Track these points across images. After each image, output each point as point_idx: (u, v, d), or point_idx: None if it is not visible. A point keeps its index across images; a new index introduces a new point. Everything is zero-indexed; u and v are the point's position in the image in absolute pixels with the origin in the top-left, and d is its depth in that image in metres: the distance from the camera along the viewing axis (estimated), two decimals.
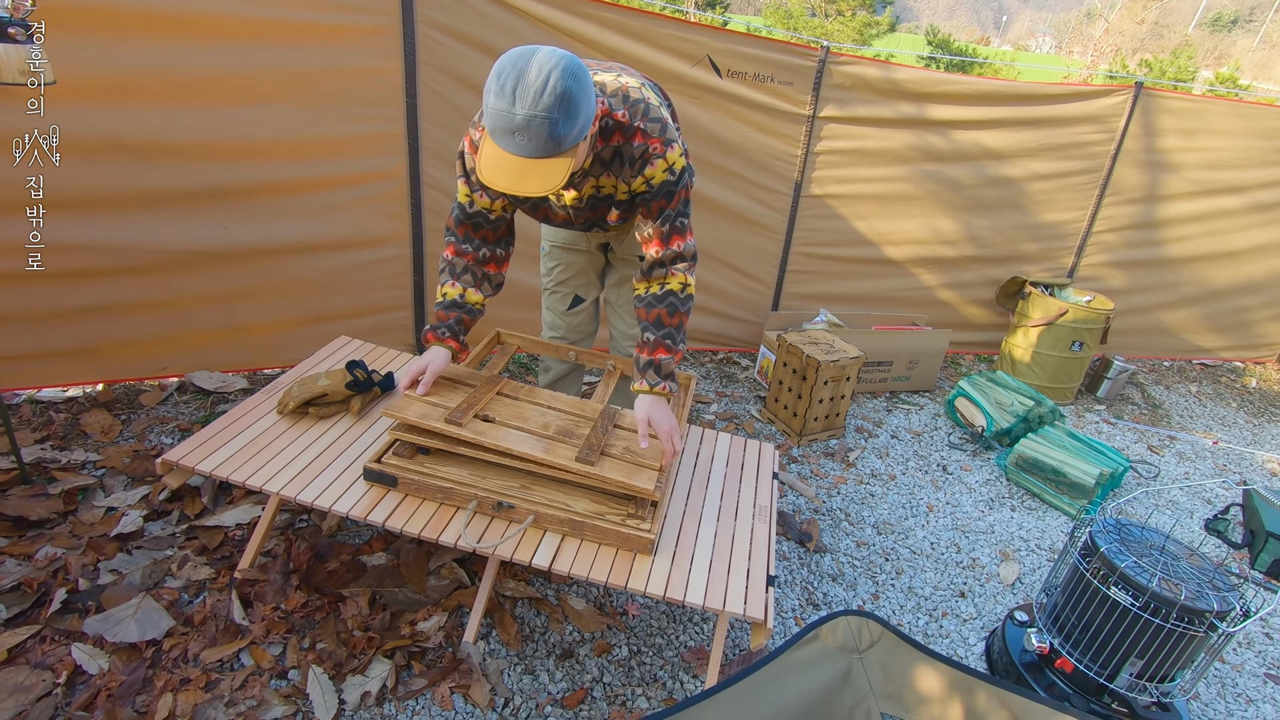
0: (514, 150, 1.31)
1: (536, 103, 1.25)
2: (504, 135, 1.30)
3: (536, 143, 1.29)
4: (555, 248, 2.06)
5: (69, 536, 1.87)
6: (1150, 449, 3.40)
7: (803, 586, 2.16)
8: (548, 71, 1.26)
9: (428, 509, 1.50)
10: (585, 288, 2.10)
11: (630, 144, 1.54)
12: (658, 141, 1.54)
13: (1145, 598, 1.61)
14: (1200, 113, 3.74)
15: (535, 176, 1.33)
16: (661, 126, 1.54)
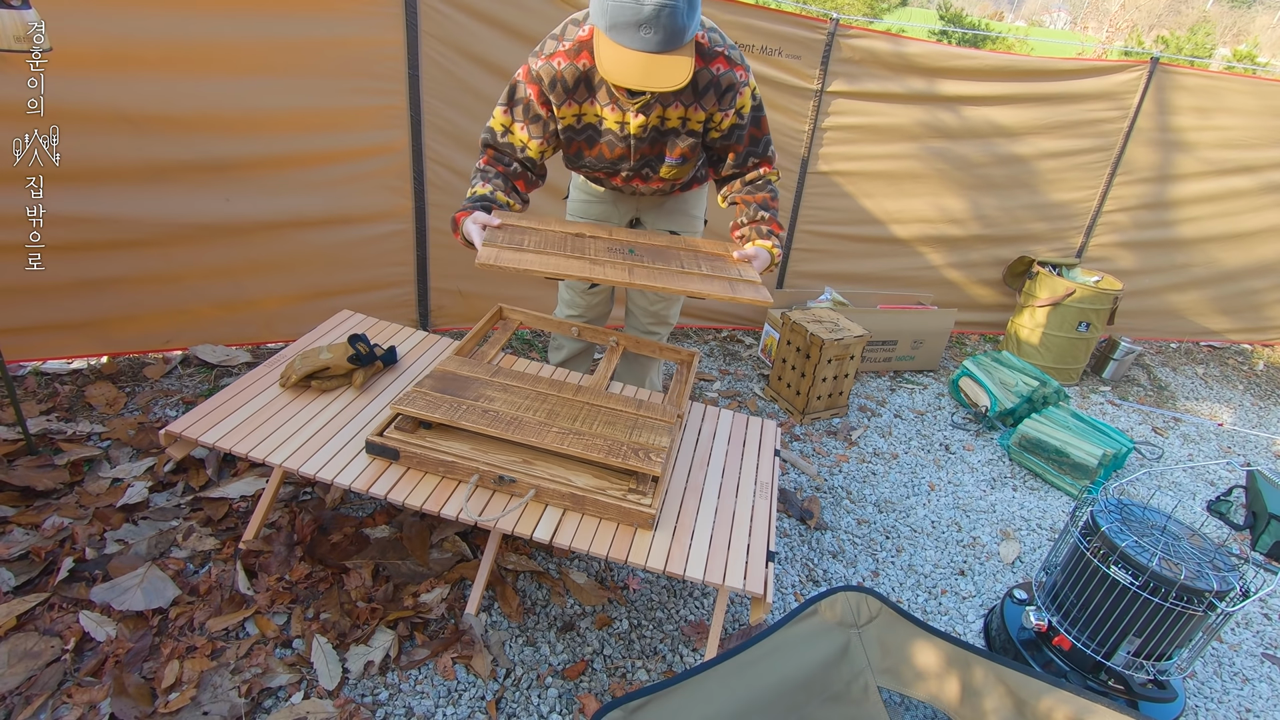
0: (640, 45, 1.29)
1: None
2: (629, 30, 1.27)
3: (665, 34, 1.27)
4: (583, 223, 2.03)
5: (75, 507, 1.88)
6: (1155, 430, 3.39)
7: (803, 563, 2.17)
8: None
9: (430, 482, 1.51)
10: None
11: (712, 69, 1.53)
12: (741, 69, 1.56)
13: (1145, 577, 1.62)
14: (1216, 90, 3.67)
15: (663, 71, 1.31)
16: (739, 54, 1.57)
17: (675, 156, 1.67)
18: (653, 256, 1.55)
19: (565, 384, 1.77)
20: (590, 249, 1.51)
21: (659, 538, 1.48)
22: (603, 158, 1.70)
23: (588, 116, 1.62)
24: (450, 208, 2.82)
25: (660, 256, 1.56)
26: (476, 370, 1.75)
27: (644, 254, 1.56)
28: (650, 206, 1.96)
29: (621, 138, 1.64)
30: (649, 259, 1.53)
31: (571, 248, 1.49)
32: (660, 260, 1.53)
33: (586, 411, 1.66)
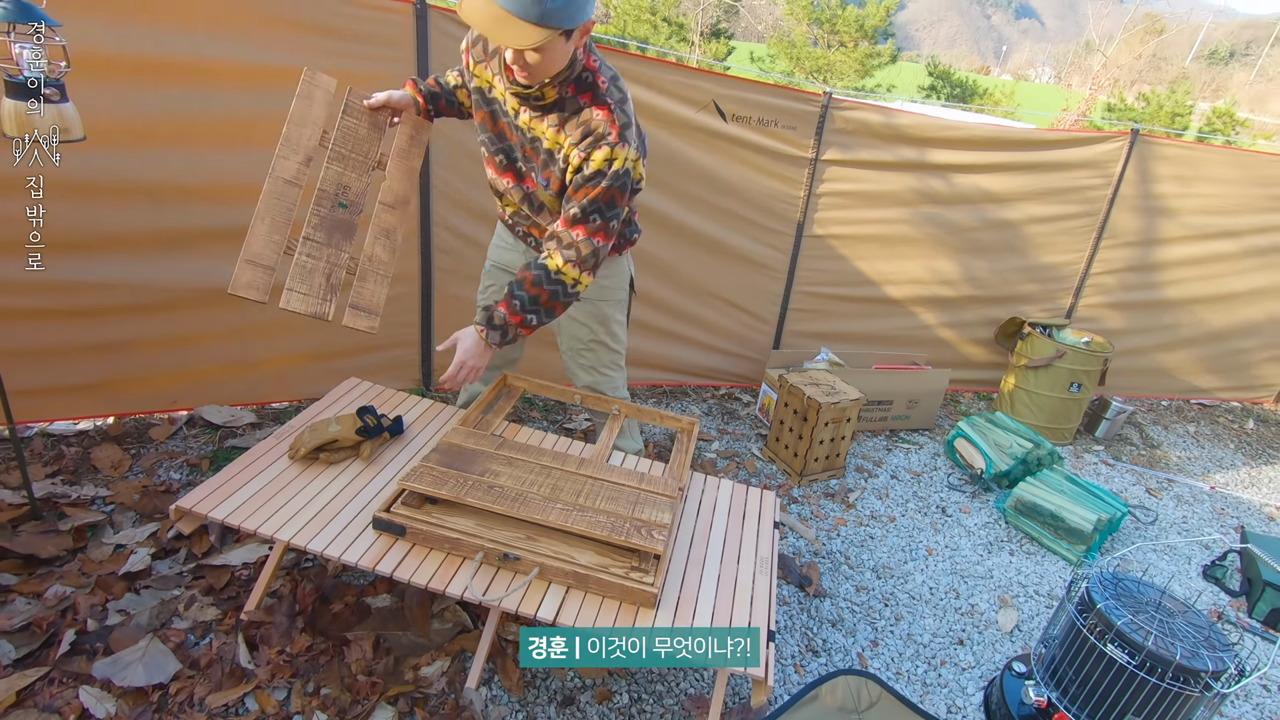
0: (500, 1, 1.37)
1: None
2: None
3: (519, 2, 1.36)
4: (495, 267, 2.12)
5: (78, 575, 1.89)
6: (1148, 491, 3.42)
7: (802, 632, 2.17)
8: None
9: (435, 559, 1.53)
10: None
11: (594, 111, 1.60)
12: (616, 130, 1.60)
13: (1141, 656, 1.63)
14: (1196, 160, 3.81)
15: (509, 31, 1.38)
16: (625, 122, 1.61)
17: (544, 178, 1.73)
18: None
19: (568, 457, 1.81)
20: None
21: (661, 616, 1.49)
22: (502, 136, 1.76)
23: (496, 91, 1.71)
24: (455, 272, 2.89)
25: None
26: (481, 443, 1.78)
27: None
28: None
29: (505, 114, 1.72)
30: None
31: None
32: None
33: (589, 486, 1.69)
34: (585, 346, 2.11)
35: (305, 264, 1.61)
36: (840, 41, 16.59)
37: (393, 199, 1.82)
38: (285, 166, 1.72)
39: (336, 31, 2.40)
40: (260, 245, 1.60)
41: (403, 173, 1.85)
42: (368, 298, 1.62)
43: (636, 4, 15.05)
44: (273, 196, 1.69)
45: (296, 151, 1.74)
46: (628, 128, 1.62)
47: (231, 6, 2.23)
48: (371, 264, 1.69)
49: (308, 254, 1.63)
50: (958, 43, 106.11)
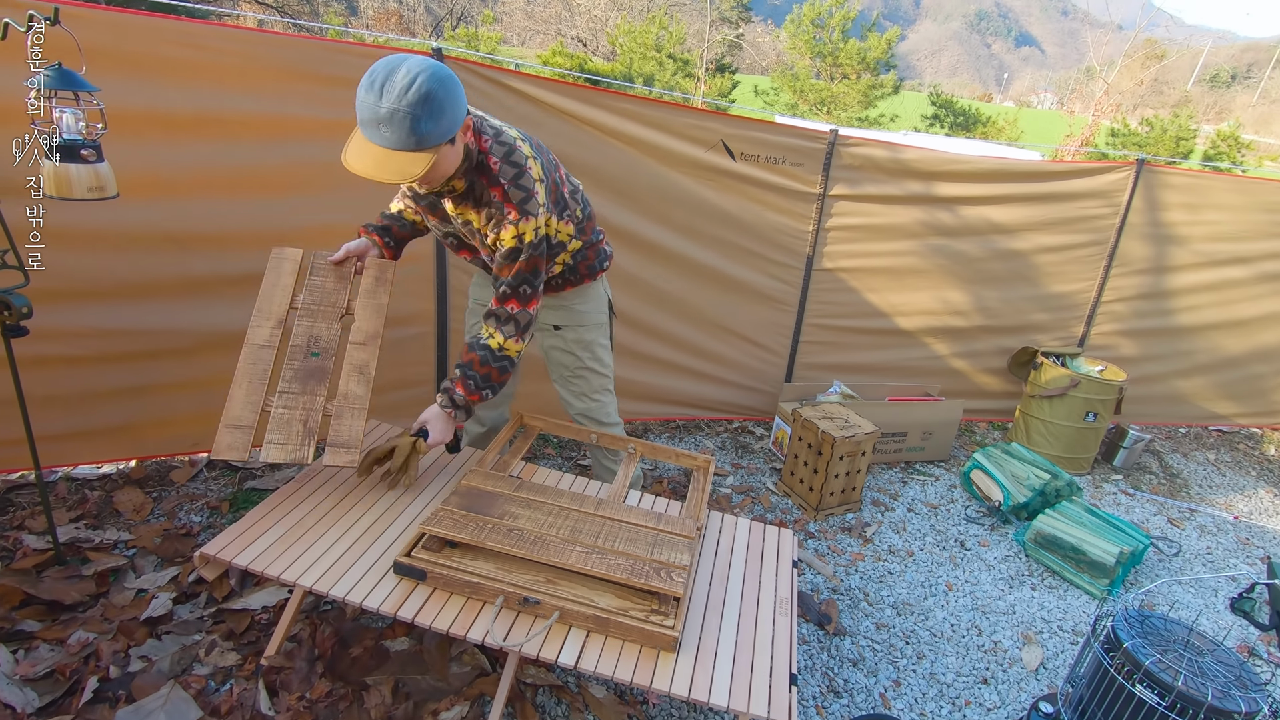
0: (378, 141, 1.44)
1: (400, 99, 1.40)
2: (370, 126, 1.44)
3: (399, 135, 1.42)
4: (477, 304, 2.19)
5: (101, 621, 1.90)
6: (1170, 522, 3.37)
7: (823, 672, 2.15)
8: (415, 74, 1.41)
9: (455, 603, 1.53)
10: None
11: (491, 194, 1.68)
12: (513, 208, 1.66)
13: (1171, 697, 1.60)
14: (1202, 188, 3.83)
15: (394, 166, 1.45)
16: (524, 197, 1.66)
17: (485, 253, 1.85)
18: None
19: (586, 497, 1.82)
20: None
21: (681, 660, 1.49)
22: (447, 222, 1.85)
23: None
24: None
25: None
26: (500, 485, 1.80)
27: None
28: None
29: (449, 215, 1.81)
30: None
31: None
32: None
33: (608, 528, 1.70)
34: (574, 374, 2.18)
35: (282, 416, 1.69)
36: (843, 74, 16.87)
37: (363, 337, 1.90)
38: (258, 334, 1.85)
39: (349, 82, 2.48)
40: (239, 409, 1.69)
41: (371, 311, 1.94)
42: (345, 434, 1.68)
43: (642, 42, 15.41)
44: (248, 361, 1.80)
45: (269, 319, 1.88)
46: (527, 200, 1.67)
47: (255, 63, 2.31)
48: (347, 401, 1.76)
49: (284, 406, 1.71)
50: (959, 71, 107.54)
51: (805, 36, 16.78)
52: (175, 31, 2.20)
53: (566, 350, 2.14)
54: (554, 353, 2.17)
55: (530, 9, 25.17)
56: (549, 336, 2.15)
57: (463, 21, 25.08)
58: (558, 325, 2.12)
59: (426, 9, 34.16)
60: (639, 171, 2.98)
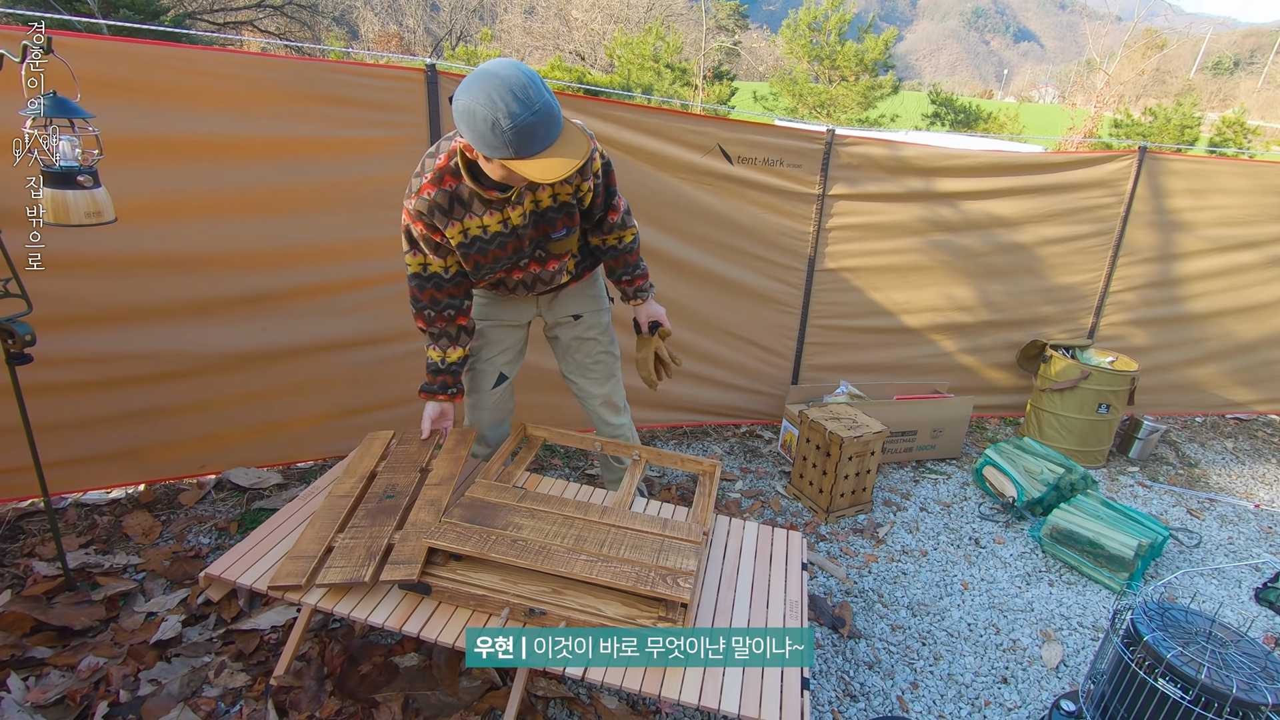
0: (548, 141, 1.41)
1: (533, 90, 1.38)
2: (537, 140, 1.40)
3: (553, 118, 1.41)
4: (486, 327, 2.17)
5: (110, 645, 1.90)
6: (1190, 512, 3.31)
7: (838, 676, 2.11)
8: (509, 67, 1.39)
9: (461, 617, 1.52)
10: (510, 365, 2.23)
11: None
12: (587, 138, 1.66)
13: (1195, 690, 1.56)
14: (1207, 173, 3.79)
15: (568, 147, 1.44)
16: (583, 126, 1.62)
17: (559, 229, 1.86)
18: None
19: (590, 505, 1.81)
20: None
21: (690, 667, 1.46)
22: (500, 259, 1.86)
23: (472, 230, 1.77)
24: None
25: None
26: (504, 496, 1.79)
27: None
28: (549, 302, 2.16)
29: (509, 233, 1.80)
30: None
31: None
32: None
33: (613, 535, 1.68)
34: (595, 360, 2.23)
35: (347, 545, 1.66)
36: (841, 76, 16.89)
37: (439, 480, 1.93)
38: (341, 487, 1.89)
39: (352, 101, 2.50)
40: (306, 544, 1.68)
41: (451, 461, 2.00)
42: (408, 553, 1.62)
43: (640, 53, 15.50)
44: (326, 508, 1.81)
45: (353, 475, 1.93)
46: (583, 125, 1.68)
47: (253, 86, 2.33)
48: (415, 527, 1.72)
49: (351, 537, 1.69)
50: (959, 69, 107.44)
51: (802, 41, 16.82)
52: (176, 59, 2.23)
53: (588, 337, 2.20)
54: (575, 343, 2.22)
55: (528, 25, 25.41)
56: (570, 328, 2.19)
57: (462, 41, 25.35)
58: (578, 314, 2.17)
59: (426, 30, 34.55)
60: (637, 178, 2.98)
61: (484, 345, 2.17)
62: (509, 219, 1.78)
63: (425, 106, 2.61)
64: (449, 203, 1.72)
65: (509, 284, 1.99)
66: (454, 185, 1.71)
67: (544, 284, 2.02)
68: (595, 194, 1.85)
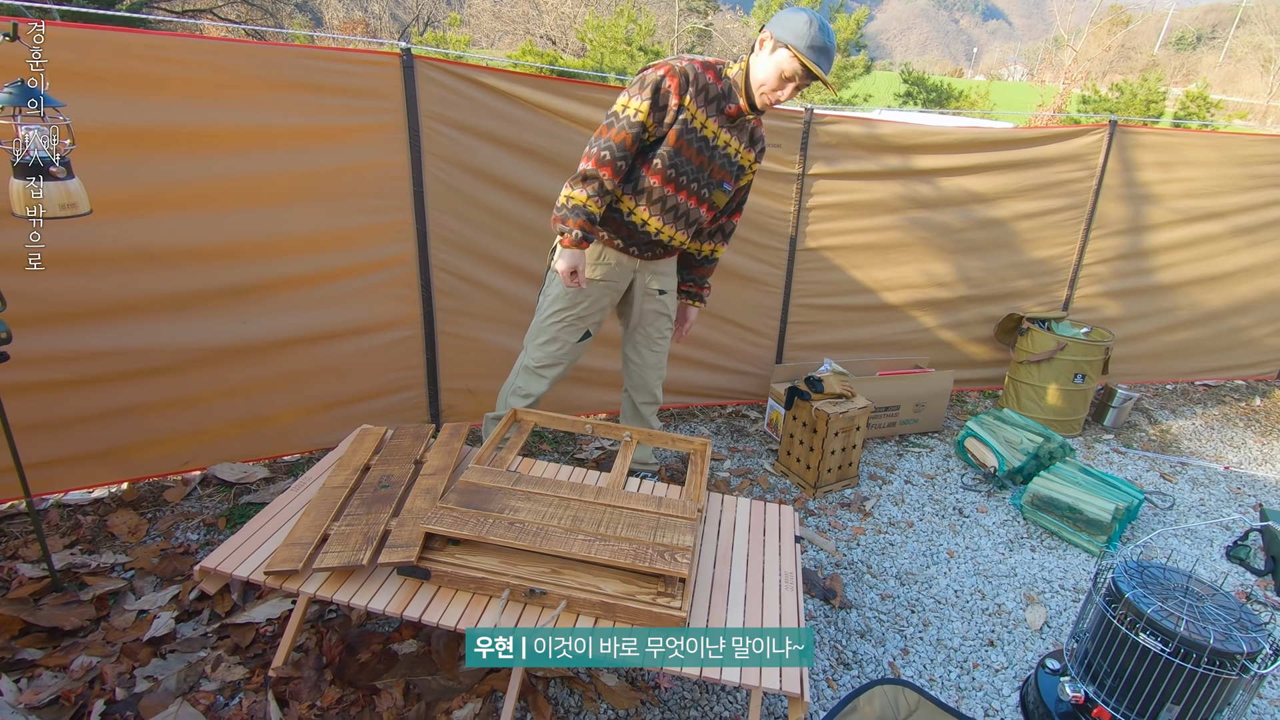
0: (827, 66, 1.90)
1: (830, 35, 1.91)
2: (823, 56, 1.89)
3: (832, 55, 1.94)
4: (590, 282, 2.24)
5: (103, 644, 1.88)
6: (1163, 476, 3.41)
7: (831, 646, 2.16)
8: (820, 17, 1.88)
9: (461, 600, 1.53)
10: (597, 325, 2.32)
11: (758, 127, 2.20)
12: (765, 132, 2.23)
13: (1175, 643, 1.63)
14: (1175, 146, 3.87)
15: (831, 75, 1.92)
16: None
17: (729, 183, 2.17)
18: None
19: (585, 487, 1.82)
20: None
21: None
22: (689, 167, 2.07)
23: (709, 128, 2.03)
24: (457, 311, 2.92)
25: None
26: (499, 480, 1.80)
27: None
28: (652, 269, 2.28)
29: (712, 150, 2.07)
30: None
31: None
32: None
33: (609, 515, 1.70)
34: (662, 335, 2.40)
35: (344, 532, 1.66)
36: None
37: (434, 470, 1.94)
38: (336, 479, 1.89)
39: (327, 88, 2.46)
40: (302, 531, 1.68)
41: (445, 453, 2.02)
42: (405, 537, 1.62)
43: (612, 36, 15.35)
44: (320, 499, 1.81)
45: (347, 468, 1.94)
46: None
47: (225, 74, 2.28)
48: (411, 514, 1.72)
49: (347, 525, 1.69)
50: (929, 48, 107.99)
51: None
52: (141, 45, 2.17)
53: (664, 313, 2.35)
54: (652, 315, 2.34)
55: (497, 9, 24.99)
56: (651, 301, 2.31)
57: (430, 27, 24.87)
58: (662, 290, 2.31)
59: (392, 16, 33.86)
60: None
61: (585, 300, 2.22)
62: (724, 140, 2.07)
63: (402, 92, 2.57)
64: (714, 95, 2.01)
65: (666, 204, 2.11)
66: (721, 88, 2.02)
67: (686, 224, 2.17)
68: (744, 189, 2.25)
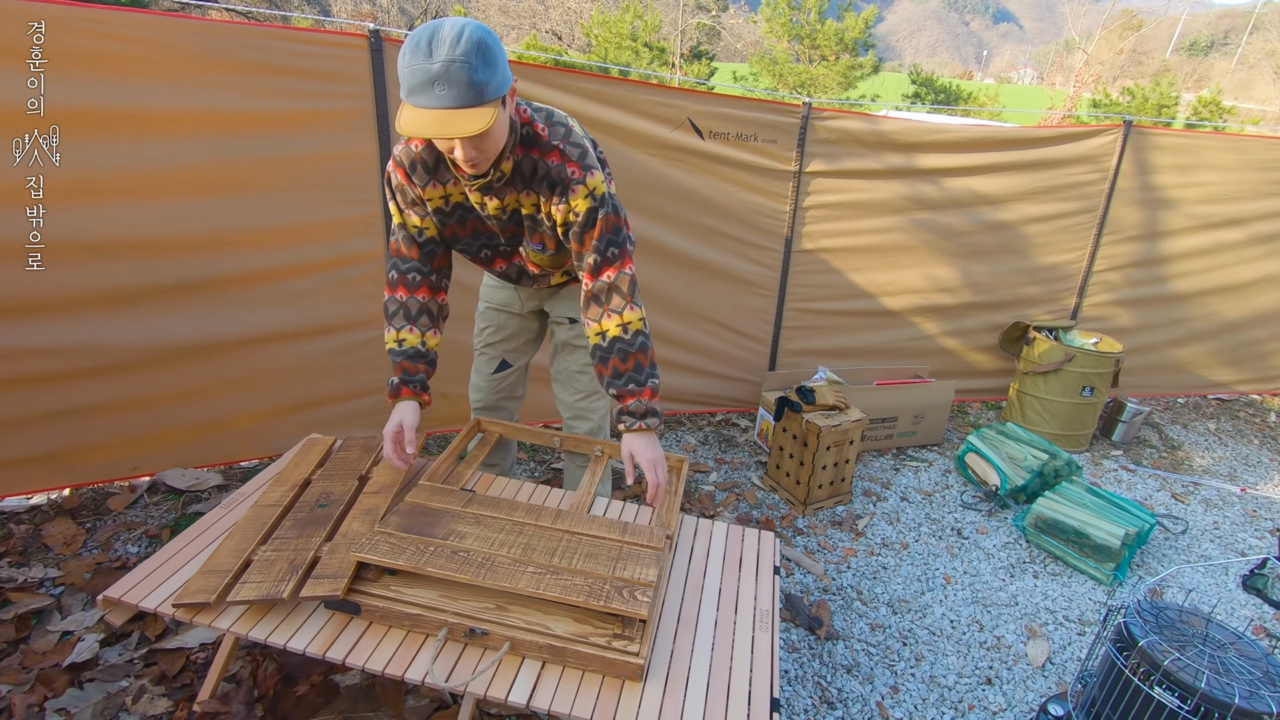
0: (435, 104, 1.28)
1: (454, 50, 1.25)
2: (424, 90, 1.27)
3: (458, 90, 1.27)
4: (489, 308, 2.03)
5: (18, 670, 1.73)
6: (1174, 497, 3.23)
7: (815, 681, 1.99)
8: (460, 26, 1.28)
9: (394, 638, 1.37)
10: (514, 353, 2.07)
11: (547, 162, 1.52)
12: (576, 166, 1.52)
13: (1195, 700, 1.45)
14: (1193, 148, 3.68)
15: (458, 123, 1.28)
16: (581, 152, 1.53)
17: (535, 242, 1.66)
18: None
19: (544, 510, 1.65)
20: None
21: (649, 689, 1.33)
22: (478, 234, 1.69)
23: (455, 196, 1.61)
24: None
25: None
26: (448, 501, 1.63)
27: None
28: (550, 296, 1.97)
29: (487, 216, 1.63)
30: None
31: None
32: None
33: (566, 542, 1.53)
34: (581, 369, 2.02)
35: (268, 558, 1.45)
36: (822, 56, 16.67)
37: (379, 488, 1.74)
38: (270, 496, 1.69)
39: (288, 70, 2.30)
40: (222, 556, 1.47)
41: (390, 470, 1.80)
42: (335, 566, 1.42)
43: (617, 31, 15.17)
44: (249, 519, 1.61)
45: (284, 484, 1.74)
46: (585, 155, 1.54)
47: (182, 54, 2.13)
48: (346, 539, 1.52)
49: (274, 550, 1.49)
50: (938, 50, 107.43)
51: (782, 20, 16.56)
52: (77, 18, 2.01)
53: (579, 345, 1.99)
54: (564, 347, 2.01)
55: (504, 4, 24.80)
56: (565, 329, 1.98)
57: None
58: (574, 319, 1.95)
59: (400, 9, 33.69)
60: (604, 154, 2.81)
61: (486, 327, 2.04)
62: (485, 204, 1.59)
63: (369, 76, 2.41)
64: (435, 161, 1.55)
65: (496, 270, 1.81)
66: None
67: (531, 279, 1.82)
68: (568, 234, 1.58)
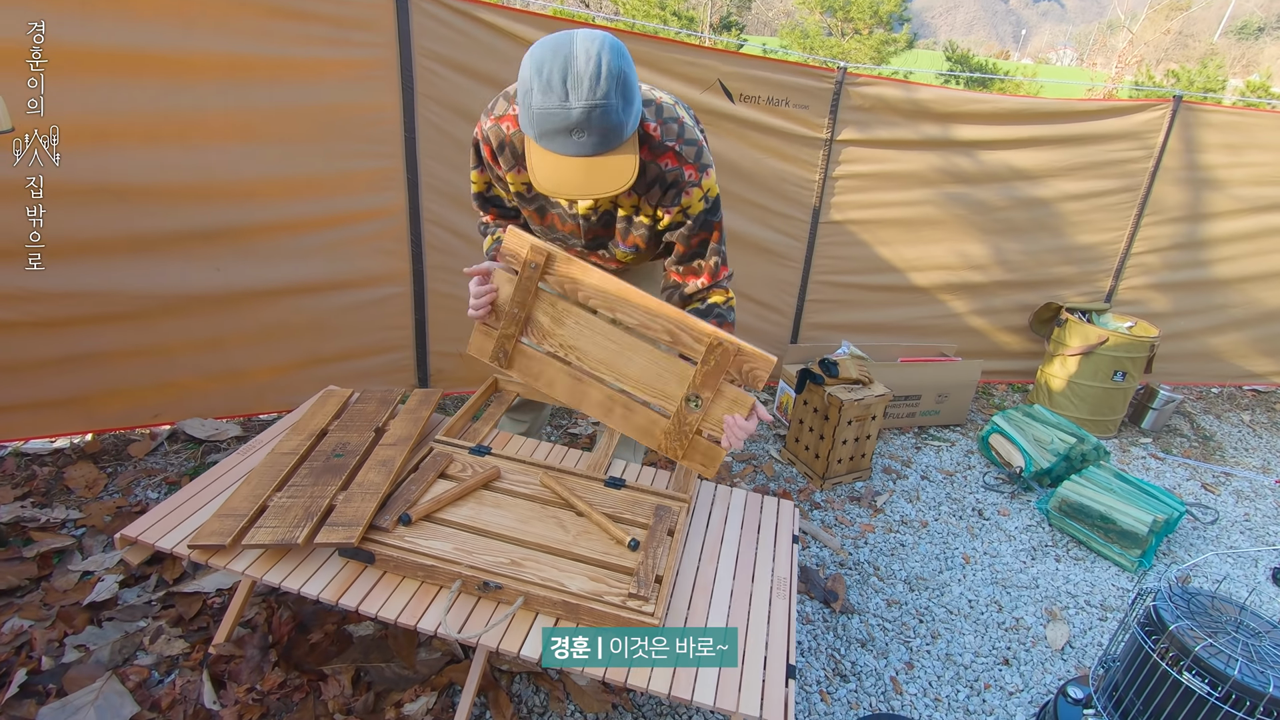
0: (574, 151, 1.15)
1: (594, 92, 1.10)
2: (560, 136, 1.14)
3: (599, 136, 1.13)
4: None
5: (39, 606, 1.75)
6: (1204, 487, 3.15)
7: (828, 654, 1.97)
8: (596, 53, 1.11)
9: (408, 588, 1.35)
10: None
11: (659, 164, 1.37)
12: (693, 168, 1.38)
13: (1226, 687, 1.41)
14: (1245, 126, 3.52)
15: (602, 175, 1.18)
16: (697, 151, 1.39)
17: (629, 245, 1.52)
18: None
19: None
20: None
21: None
22: (554, 228, 1.56)
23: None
24: (449, 269, 2.73)
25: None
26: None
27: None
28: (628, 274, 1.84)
29: (572, 215, 1.50)
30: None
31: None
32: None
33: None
34: None
35: (284, 505, 1.43)
36: (855, 29, 16.23)
37: (395, 439, 1.70)
38: (286, 444, 1.67)
39: (313, 16, 2.25)
40: (237, 500, 1.44)
41: (410, 421, 1.78)
42: (350, 514, 1.39)
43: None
44: (265, 465, 1.58)
45: (301, 433, 1.72)
46: (700, 153, 1.39)
47: None
48: (361, 487, 1.49)
49: (289, 497, 1.46)
50: (975, 28, 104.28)
51: None
52: None
53: None
54: None
55: None
56: None
57: None
58: None
59: None
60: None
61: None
62: (574, 202, 1.46)
63: (394, 24, 2.35)
64: (523, 145, 1.36)
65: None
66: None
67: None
68: (676, 235, 1.47)
